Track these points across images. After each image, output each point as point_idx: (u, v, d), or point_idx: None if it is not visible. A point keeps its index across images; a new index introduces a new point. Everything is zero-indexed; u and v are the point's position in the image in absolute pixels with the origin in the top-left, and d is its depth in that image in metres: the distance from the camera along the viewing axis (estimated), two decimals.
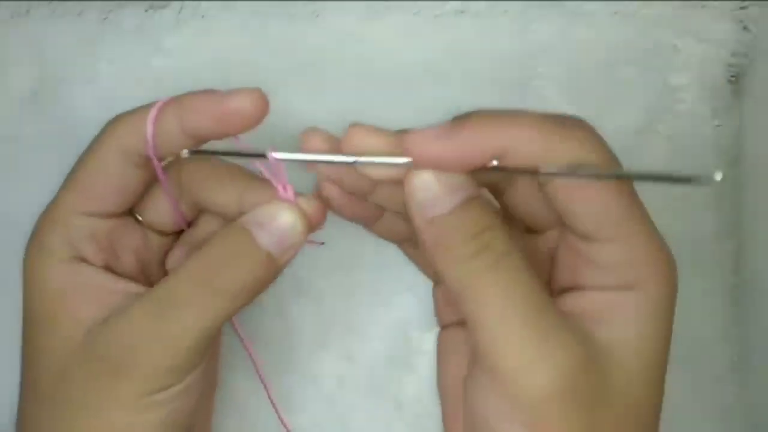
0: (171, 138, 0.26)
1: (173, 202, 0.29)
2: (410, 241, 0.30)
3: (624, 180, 0.23)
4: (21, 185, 0.36)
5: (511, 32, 0.36)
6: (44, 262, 0.27)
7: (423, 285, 0.36)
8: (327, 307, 0.36)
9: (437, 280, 0.31)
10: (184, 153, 0.26)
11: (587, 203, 0.23)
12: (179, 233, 0.31)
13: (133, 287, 0.27)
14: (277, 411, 0.33)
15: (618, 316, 0.24)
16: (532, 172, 0.23)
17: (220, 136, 0.26)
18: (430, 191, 0.23)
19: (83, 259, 0.27)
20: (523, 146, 0.23)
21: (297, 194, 0.27)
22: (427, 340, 0.36)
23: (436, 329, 0.36)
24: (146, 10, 0.36)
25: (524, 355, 0.22)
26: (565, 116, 0.24)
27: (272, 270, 0.26)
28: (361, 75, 0.36)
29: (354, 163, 0.24)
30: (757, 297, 0.36)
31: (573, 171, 0.22)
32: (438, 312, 0.31)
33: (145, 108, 0.26)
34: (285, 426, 0.33)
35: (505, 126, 0.23)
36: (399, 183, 0.24)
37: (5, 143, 0.36)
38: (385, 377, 0.36)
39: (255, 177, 0.28)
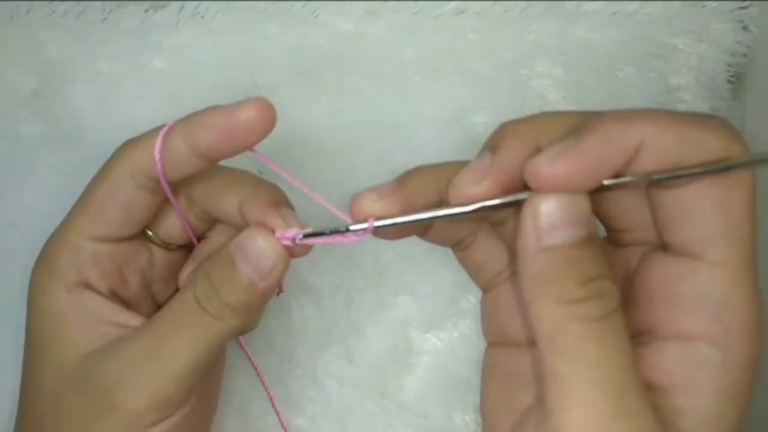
0: (180, 159, 0.25)
1: (184, 221, 0.29)
2: (461, 245, 0.27)
3: (753, 201, 0.21)
4: (21, 185, 0.36)
5: (511, 32, 0.36)
6: (50, 285, 0.27)
7: (423, 285, 0.36)
8: (327, 308, 0.36)
9: (487, 288, 0.27)
10: (299, 238, 0.25)
11: (708, 210, 0.20)
12: (187, 247, 0.31)
13: (133, 319, 0.27)
14: (278, 414, 0.33)
15: (699, 381, 0.21)
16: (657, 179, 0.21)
17: (231, 152, 0.25)
18: (555, 217, 0.20)
19: (88, 285, 0.27)
20: (660, 141, 0.20)
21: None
22: (427, 340, 0.36)
23: (437, 330, 0.36)
24: (146, 10, 0.36)
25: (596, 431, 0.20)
26: (698, 113, 0.22)
27: (256, 295, 0.26)
28: (361, 75, 0.36)
29: (474, 211, 0.22)
30: None
31: (712, 167, 0.20)
32: (485, 327, 0.28)
33: (155, 131, 0.26)
34: (284, 428, 0.34)
35: (637, 122, 0.20)
36: None
37: (5, 143, 0.36)
38: (385, 377, 0.36)
39: (259, 183, 0.28)
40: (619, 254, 0.24)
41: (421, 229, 0.26)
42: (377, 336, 0.36)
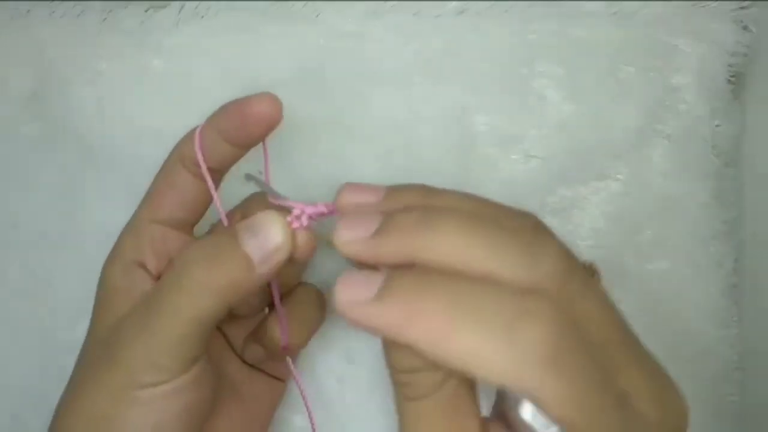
0: (215, 146, 0.29)
1: (219, 205, 0.30)
2: None
3: None
4: (21, 185, 0.36)
5: (511, 32, 0.36)
6: (113, 263, 0.29)
7: None
8: (327, 308, 0.36)
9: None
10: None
11: None
12: None
13: None
14: (309, 413, 0.33)
15: None
16: None
17: (248, 140, 0.29)
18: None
19: (143, 265, 0.29)
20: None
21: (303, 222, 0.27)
22: None
23: None
24: (146, 10, 0.36)
25: None
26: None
27: (250, 275, 0.26)
28: (361, 75, 0.36)
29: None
30: (757, 297, 0.36)
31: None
32: None
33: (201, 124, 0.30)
34: (313, 428, 0.34)
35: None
36: None
37: (5, 143, 0.36)
38: (385, 377, 0.36)
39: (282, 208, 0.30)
40: None
41: None
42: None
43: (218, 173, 0.30)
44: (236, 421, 0.32)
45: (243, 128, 0.28)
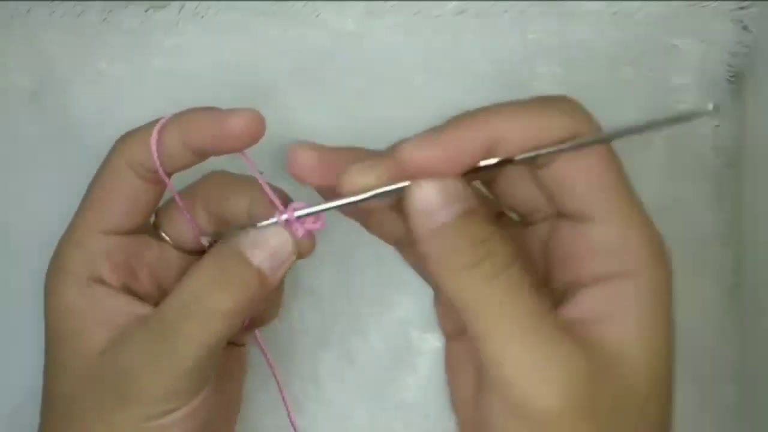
0: (174, 152, 0.27)
1: (185, 212, 0.29)
2: (405, 243, 0.29)
3: (613, 156, 0.24)
4: (21, 185, 0.36)
5: (511, 32, 0.36)
6: (62, 282, 0.27)
7: (423, 285, 0.36)
8: (327, 308, 0.36)
9: (437, 288, 0.30)
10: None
11: (579, 178, 0.24)
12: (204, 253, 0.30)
13: (146, 310, 0.27)
14: (290, 416, 0.33)
15: (618, 310, 0.23)
16: (523, 161, 0.24)
17: (220, 152, 0.27)
18: (433, 201, 0.23)
19: (100, 280, 0.27)
20: (513, 132, 0.23)
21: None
22: (427, 340, 0.36)
23: (437, 330, 0.36)
24: (146, 10, 0.36)
25: (529, 370, 0.22)
26: (547, 96, 0.25)
27: (264, 287, 0.26)
28: (361, 75, 0.36)
29: (361, 201, 0.24)
30: (757, 297, 0.36)
31: (563, 145, 0.23)
32: (440, 323, 0.30)
33: (151, 124, 0.27)
34: (293, 425, 0.34)
35: (489, 117, 0.23)
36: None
37: (5, 143, 0.36)
38: (385, 377, 0.36)
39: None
40: (533, 231, 0.27)
41: (364, 218, 0.29)
42: (377, 336, 0.36)
43: (168, 176, 0.28)
44: (230, 396, 0.32)
45: (219, 140, 0.26)
